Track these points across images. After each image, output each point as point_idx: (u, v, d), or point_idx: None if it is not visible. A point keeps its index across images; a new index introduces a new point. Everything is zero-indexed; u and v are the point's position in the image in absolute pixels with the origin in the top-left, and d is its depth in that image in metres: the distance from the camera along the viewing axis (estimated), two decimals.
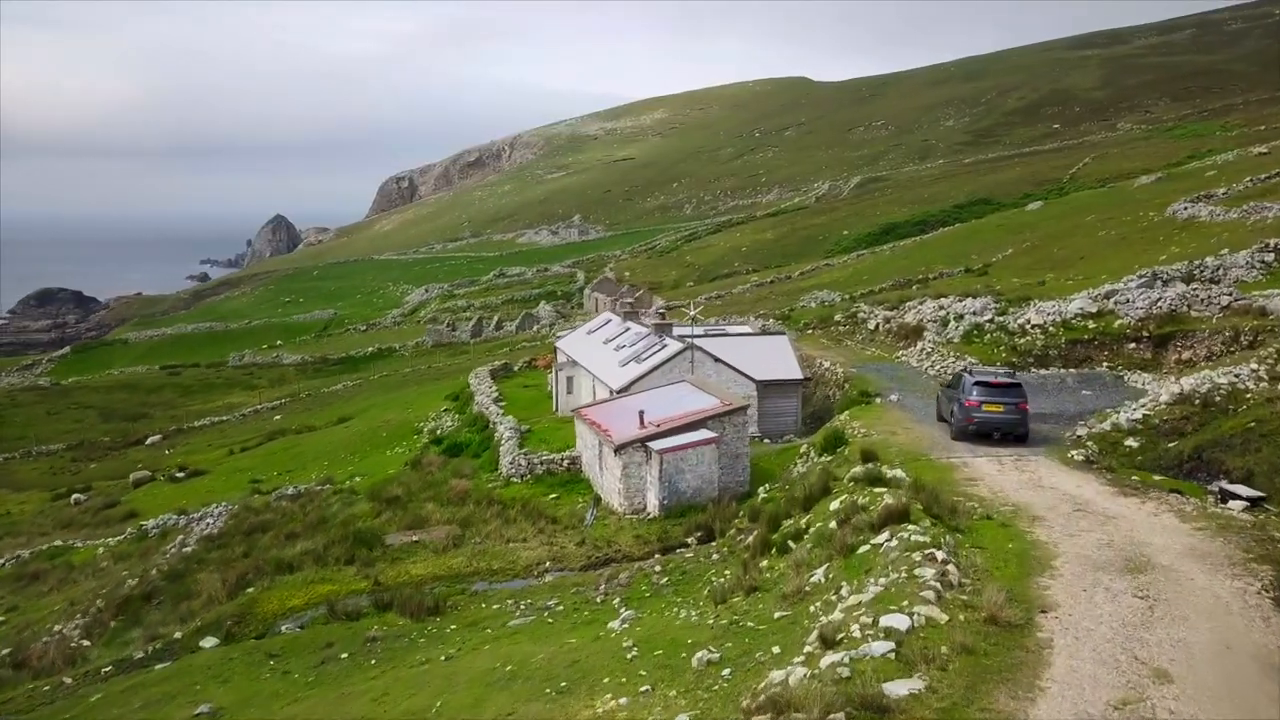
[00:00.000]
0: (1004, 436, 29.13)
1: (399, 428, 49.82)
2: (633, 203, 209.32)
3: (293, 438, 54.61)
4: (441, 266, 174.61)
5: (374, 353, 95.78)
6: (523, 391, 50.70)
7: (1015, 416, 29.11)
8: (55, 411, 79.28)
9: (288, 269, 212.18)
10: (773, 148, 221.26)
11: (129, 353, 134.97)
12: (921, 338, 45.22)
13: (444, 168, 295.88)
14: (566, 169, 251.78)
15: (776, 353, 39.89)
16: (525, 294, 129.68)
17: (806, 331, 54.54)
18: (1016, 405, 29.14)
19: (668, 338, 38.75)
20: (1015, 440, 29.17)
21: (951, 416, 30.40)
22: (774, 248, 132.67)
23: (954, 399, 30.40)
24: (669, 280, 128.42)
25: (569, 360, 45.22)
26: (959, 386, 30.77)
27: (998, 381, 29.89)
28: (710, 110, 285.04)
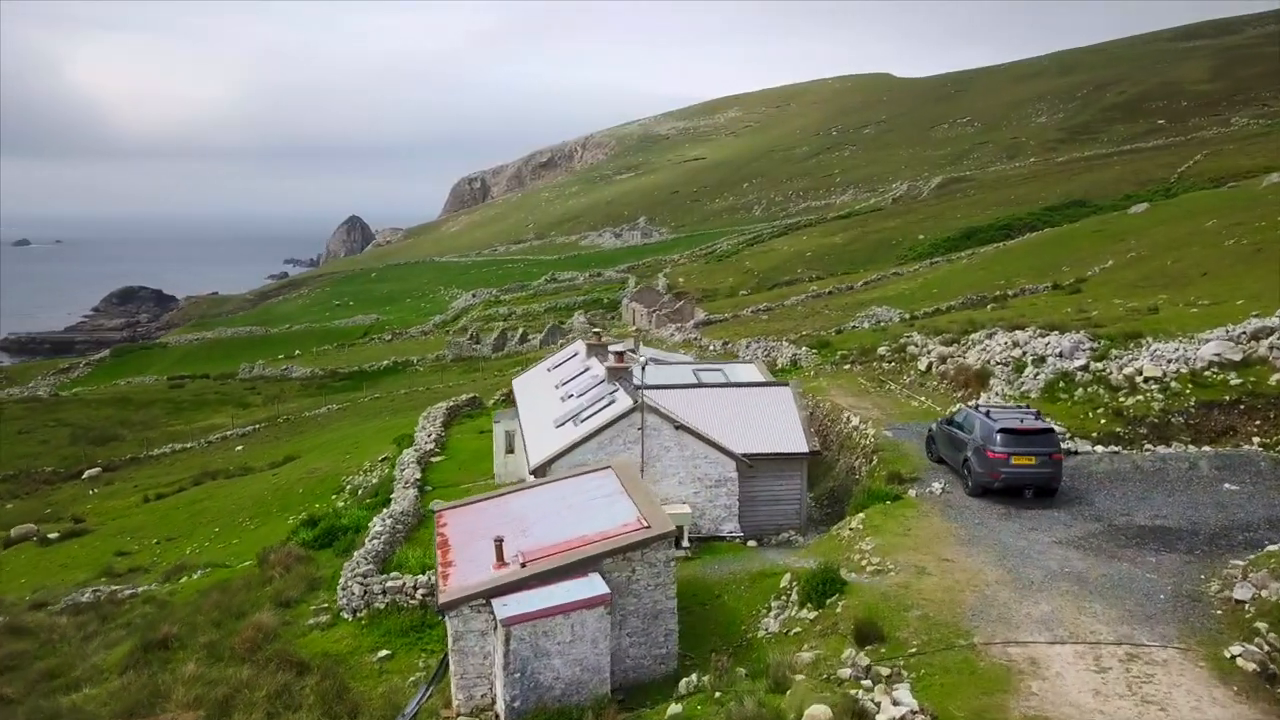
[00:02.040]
0: (1036, 492, 24.17)
1: (323, 481, 39.28)
2: (700, 204, 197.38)
3: (215, 485, 44.70)
4: (497, 270, 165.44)
5: (388, 367, 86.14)
6: (477, 439, 39.63)
7: (1050, 470, 24.03)
8: (27, 430, 71.36)
9: (349, 271, 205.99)
10: (850, 146, 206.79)
11: (165, 357, 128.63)
12: (987, 386, 32.68)
13: (516, 168, 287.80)
14: (635, 169, 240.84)
15: (774, 411, 27.93)
16: (570, 301, 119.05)
17: (843, 366, 42.25)
18: (1050, 456, 24.04)
19: (622, 388, 27.22)
20: (1046, 494, 24.23)
21: (965, 467, 25.22)
22: (841, 253, 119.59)
23: (964, 445, 25.36)
24: (724, 287, 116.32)
25: (514, 410, 34.05)
26: (972, 430, 25.32)
27: (1029, 428, 24.39)
28: (786, 108, 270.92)
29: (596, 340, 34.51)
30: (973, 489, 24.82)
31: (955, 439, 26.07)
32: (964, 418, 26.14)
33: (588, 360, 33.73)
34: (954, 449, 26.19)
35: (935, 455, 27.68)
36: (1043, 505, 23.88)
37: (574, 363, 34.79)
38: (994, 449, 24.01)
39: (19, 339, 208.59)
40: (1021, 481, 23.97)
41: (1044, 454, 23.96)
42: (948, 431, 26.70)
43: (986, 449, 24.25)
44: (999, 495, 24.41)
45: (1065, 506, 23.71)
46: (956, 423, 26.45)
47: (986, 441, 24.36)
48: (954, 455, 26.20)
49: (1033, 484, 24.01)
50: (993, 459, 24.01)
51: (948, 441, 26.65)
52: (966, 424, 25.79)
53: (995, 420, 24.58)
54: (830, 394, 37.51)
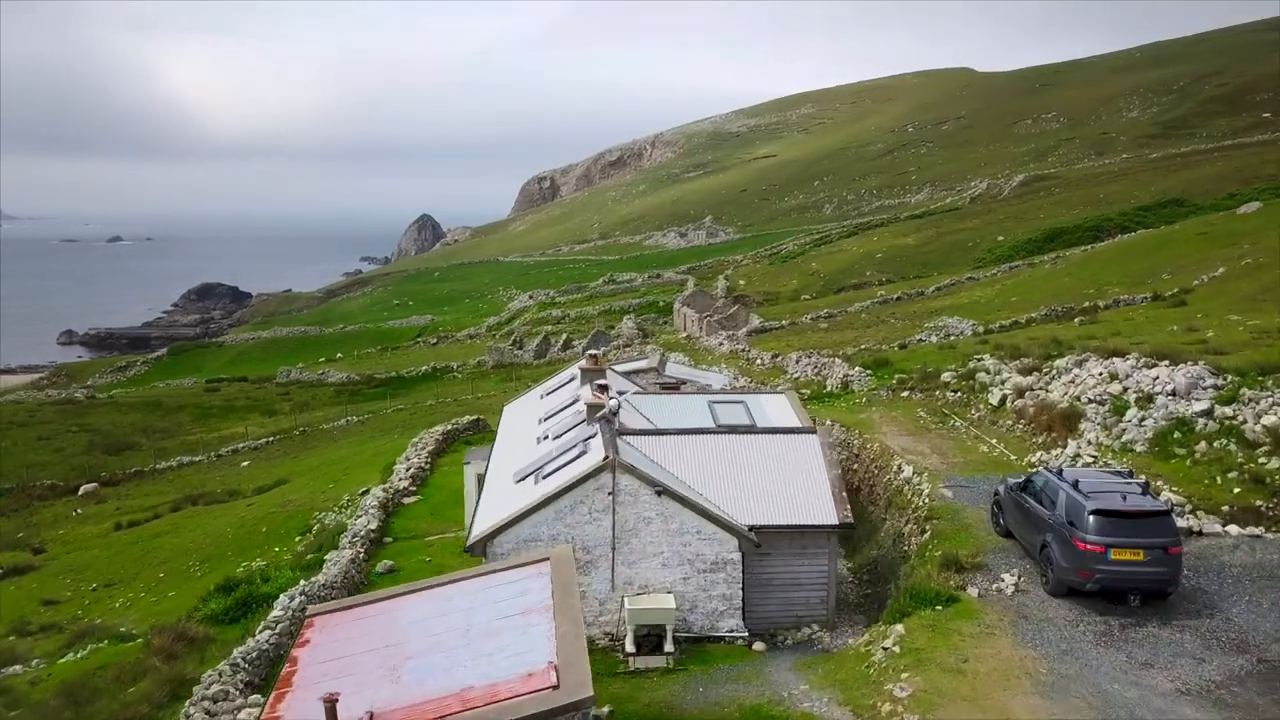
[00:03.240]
0: (1145, 597, 17.47)
1: (292, 518, 33.91)
2: (769, 203, 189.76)
3: (191, 514, 39.84)
4: (557, 271, 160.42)
5: (426, 373, 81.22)
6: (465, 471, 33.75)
7: (1165, 569, 17.20)
8: (47, 437, 68.11)
9: (413, 270, 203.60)
10: (927, 143, 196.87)
11: (220, 357, 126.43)
12: (1076, 431, 25.63)
13: (585, 167, 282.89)
14: (704, 168, 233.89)
15: (796, 468, 21.44)
16: (625, 304, 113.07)
17: (901, 394, 35.35)
18: (1165, 549, 17.20)
19: (601, 433, 21.04)
20: (1158, 598, 17.53)
21: (1044, 555, 18.41)
22: (914, 255, 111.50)
23: (1043, 524, 18.60)
24: (787, 291, 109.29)
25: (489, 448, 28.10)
26: (1054, 503, 18.50)
27: (1136, 510, 17.33)
28: (861, 104, 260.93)
29: (595, 363, 28.29)
30: (1055, 587, 18.13)
31: (1030, 513, 19.32)
32: (1042, 484, 19.37)
33: (580, 388, 27.59)
34: (1029, 526, 19.44)
35: (1004, 528, 20.93)
36: (1158, 618, 17.07)
37: (565, 391, 28.68)
38: (1085, 538, 17.33)
39: (98, 334, 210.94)
40: (1124, 584, 17.58)
41: (1157, 547, 17.15)
42: (1020, 500, 19.95)
43: (1074, 536, 17.51)
44: (1093, 598, 17.69)
45: (1190, 621, 16.86)
46: (1032, 490, 19.69)
47: (1075, 525, 17.63)
48: (1029, 535, 19.46)
49: (1140, 588, 17.48)
50: (1083, 551, 17.28)
51: (1020, 514, 19.91)
52: (1046, 493, 19.02)
53: (1087, 495, 17.77)
54: (881, 430, 30.76)
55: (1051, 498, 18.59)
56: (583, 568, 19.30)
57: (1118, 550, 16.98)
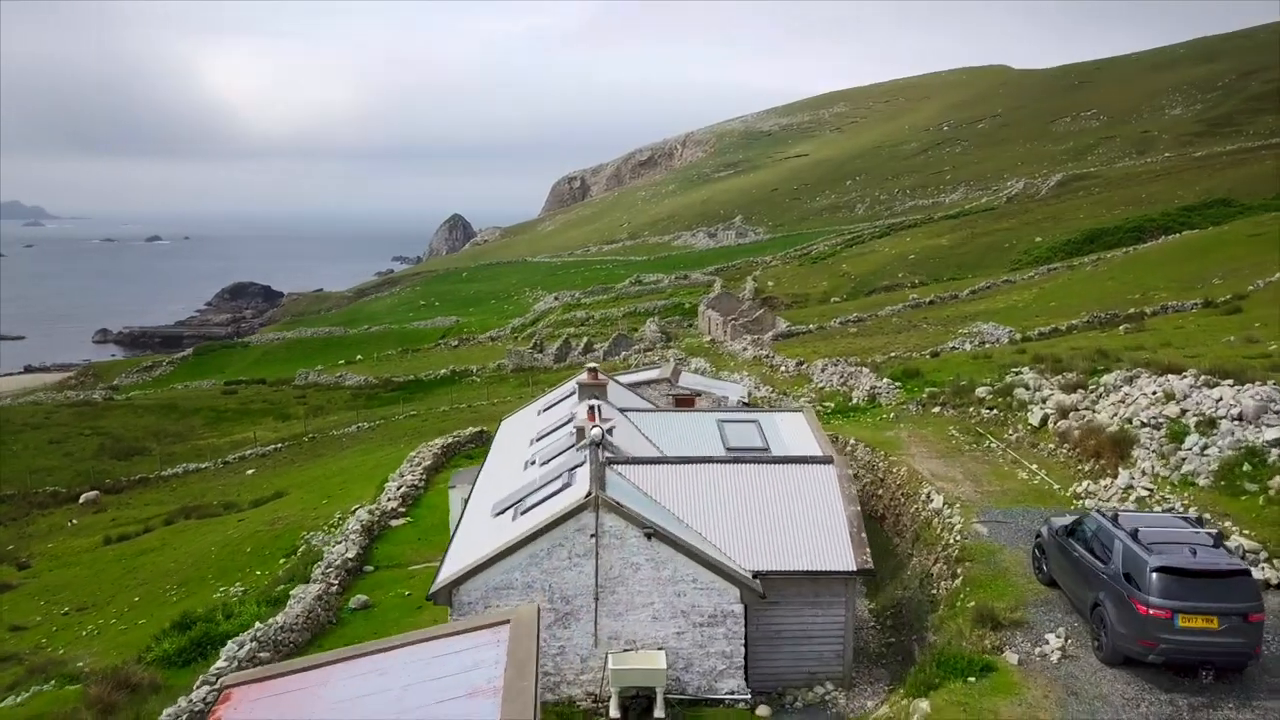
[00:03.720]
0: (1218, 670, 14.25)
1: (279, 537, 31.77)
2: (800, 202, 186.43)
3: (181, 528, 37.85)
4: (584, 271, 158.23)
5: (444, 377, 79.15)
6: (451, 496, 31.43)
7: (1243, 639, 14.05)
8: (58, 440, 66.84)
9: (442, 270, 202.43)
10: (962, 142, 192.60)
11: (245, 357, 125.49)
12: (1127, 459, 22.75)
13: (615, 167, 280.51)
14: (735, 167, 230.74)
15: (811, 503, 18.84)
16: (651, 305, 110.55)
17: (931, 409, 32.56)
18: (1245, 616, 14.07)
19: (589, 462, 18.55)
20: (1233, 671, 14.33)
21: (1095, 614, 15.46)
22: (948, 256, 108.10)
23: (1095, 577, 15.66)
24: (816, 293, 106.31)
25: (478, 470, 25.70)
26: (1108, 554, 15.54)
27: (1209, 569, 14.28)
28: (895, 103, 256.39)
29: (594, 378, 25.84)
30: (1110, 656, 15.33)
31: (1080, 564, 16.56)
32: (1094, 530, 16.60)
33: (576, 406, 25.16)
34: (1078, 578, 16.68)
35: (1047, 576, 18.20)
36: (1236, 698, 14.31)
37: (562, 408, 26.26)
38: (1147, 600, 14.54)
39: (132, 332, 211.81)
40: (1194, 656, 14.58)
41: (1234, 613, 14.31)
42: (1067, 547, 17.19)
43: (1133, 597, 14.71)
44: (1156, 671, 14.96)
45: (1274, 702, 14.08)
46: (1082, 535, 16.93)
47: (1134, 583, 14.84)
48: (1078, 589, 16.71)
49: (1213, 661, 14.57)
50: (1145, 616, 14.50)
51: (1067, 562, 17.15)
52: (1098, 541, 16.26)
53: (1149, 548, 14.99)
54: (909, 451, 28.04)
55: (1105, 547, 15.86)
56: (561, 620, 16.86)
57: (1186, 616, 14.23)
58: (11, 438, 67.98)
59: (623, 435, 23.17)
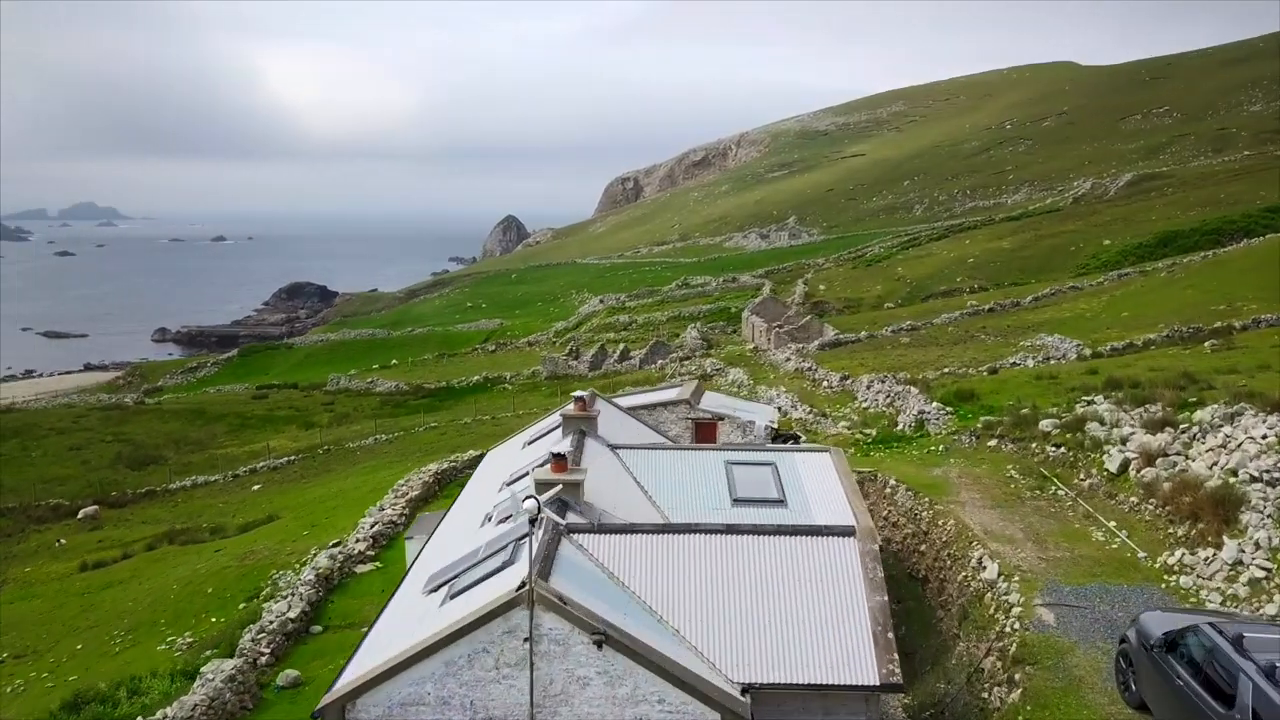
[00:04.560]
0: None
1: (247, 575, 28.26)
2: (856, 203, 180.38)
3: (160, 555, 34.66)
4: (632, 274, 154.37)
5: (477, 384, 75.76)
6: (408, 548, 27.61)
7: None
8: (78, 447, 64.80)
9: (492, 271, 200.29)
10: (1025, 141, 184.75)
11: (288, 359, 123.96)
12: (1233, 524, 17.99)
13: (669, 168, 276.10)
14: (789, 167, 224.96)
15: (825, 584, 14.58)
16: (696, 309, 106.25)
17: (987, 442, 27.86)
18: None
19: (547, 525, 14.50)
20: None
21: None
22: (1010, 260, 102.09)
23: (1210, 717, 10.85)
24: (869, 297, 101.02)
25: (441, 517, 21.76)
26: (1234, 687, 10.80)
27: None
28: (956, 101, 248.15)
29: (581, 409, 21.76)
30: None
31: (1185, 695, 12.00)
32: (1208, 651, 11.98)
33: (562, 442, 21.12)
34: (1184, 713, 12.14)
35: (1137, 697, 13.65)
36: None
37: (544, 444, 22.20)
38: None
39: (189, 331, 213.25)
40: None
41: None
42: (1168, 668, 12.63)
43: None
44: None
45: None
46: (1188, 654, 12.35)
47: None
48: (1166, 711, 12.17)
49: None
50: None
51: (1166, 687, 12.55)
52: (1215, 668, 11.66)
53: None
54: (959, 496, 23.50)
55: (1225, 677, 11.36)
56: None
57: None
58: (35, 443, 66.16)
59: (605, 482, 19.07)
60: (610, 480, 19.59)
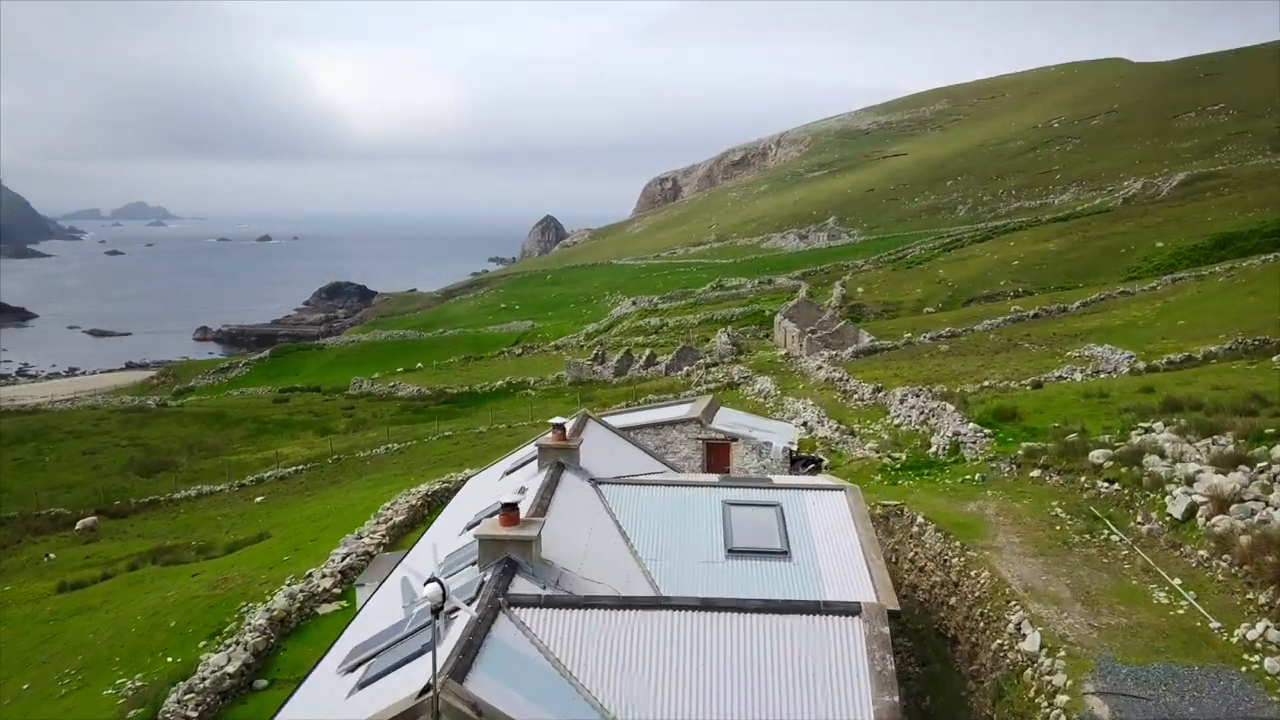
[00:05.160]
0: None
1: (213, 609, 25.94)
2: (897, 203, 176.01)
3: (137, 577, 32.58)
4: (667, 275, 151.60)
5: (500, 389, 73.40)
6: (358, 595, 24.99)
7: None
8: (92, 451, 63.42)
9: (527, 272, 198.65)
10: (1073, 139, 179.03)
11: (319, 360, 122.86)
12: None
13: (708, 168, 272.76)
14: (829, 167, 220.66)
15: (821, 675, 11.77)
16: (729, 312, 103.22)
17: (1030, 472, 24.67)
18: None
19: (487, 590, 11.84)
20: None
21: None
22: (1056, 263, 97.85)
23: None
24: (909, 301, 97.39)
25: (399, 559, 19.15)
26: None
27: None
28: (1001, 99, 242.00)
29: (560, 438, 19.03)
30: None
31: None
32: None
33: (538, 474, 18.43)
34: None
35: None
36: None
37: (517, 477, 19.52)
38: None
39: (229, 330, 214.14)
40: None
41: None
42: None
43: None
44: None
45: None
46: None
47: None
48: None
49: None
50: None
51: None
52: None
53: None
54: (995, 539, 20.45)
55: None
56: None
57: None
58: (51, 446, 65.02)
59: (579, 527, 16.35)
60: (585, 524, 16.87)
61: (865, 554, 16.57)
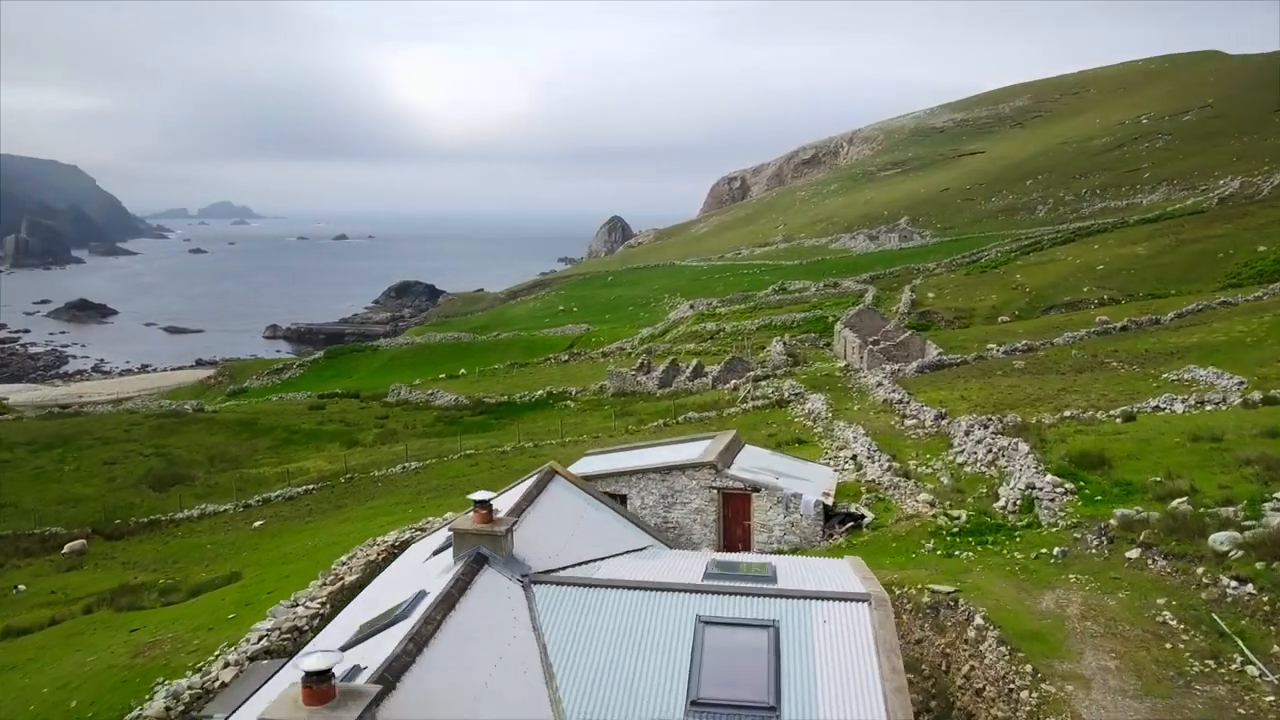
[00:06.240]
0: None
1: (130, 679, 21.77)
2: (973, 203, 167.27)
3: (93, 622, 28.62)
4: (729, 277, 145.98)
5: (540, 399, 68.92)
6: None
7: None
8: (113, 460, 60.74)
9: (590, 273, 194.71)
10: (1164, 136, 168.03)
11: (372, 361, 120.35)
12: None
13: (777, 166, 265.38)
14: (902, 166, 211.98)
15: None
16: (789, 318, 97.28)
17: (1126, 551, 18.95)
18: None
19: None
20: None
21: None
22: (1146, 268, 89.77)
23: None
24: (983, 308, 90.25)
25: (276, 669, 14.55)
26: None
27: None
28: (1086, 95, 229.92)
29: (483, 519, 14.10)
30: None
31: None
32: None
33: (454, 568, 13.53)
34: None
35: None
36: None
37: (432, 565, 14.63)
38: None
39: (298, 329, 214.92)
40: None
41: None
42: None
43: None
44: None
45: None
46: None
47: None
48: None
49: None
50: None
51: None
52: None
53: None
54: (1079, 665, 14.97)
55: None
56: None
57: None
58: (74, 454, 62.65)
59: (483, 656, 11.41)
60: (493, 650, 11.93)
61: (887, 707, 11.31)
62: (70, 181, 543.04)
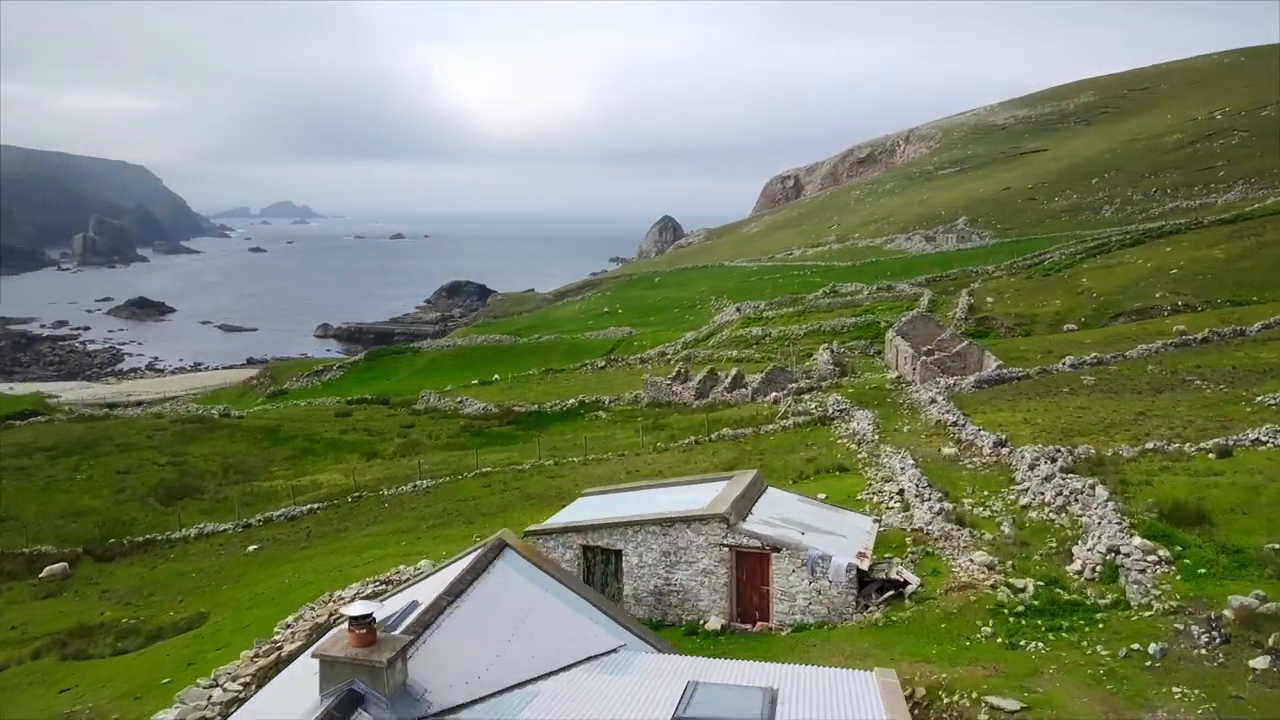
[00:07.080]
0: None
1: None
2: (1035, 203, 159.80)
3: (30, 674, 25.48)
4: (778, 278, 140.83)
5: (571, 408, 65.14)
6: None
7: None
8: (125, 470, 58.31)
9: (637, 274, 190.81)
10: (1239, 132, 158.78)
11: (412, 363, 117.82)
12: None
13: (832, 165, 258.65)
14: (961, 164, 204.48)
15: None
16: (839, 323, 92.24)
17: (1246, 657, 14.44)
18: None
19: None
20: None
21: None
22: (1224, 272, 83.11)
23: None
24: (1046, 314, 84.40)
25: None
26: None
27: None
28: (1155, 90, 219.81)
29: (362, 641, 10.16)
30: None
31: None
32: None
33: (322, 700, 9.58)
34: None
35: None
36: None
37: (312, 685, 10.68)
38: None
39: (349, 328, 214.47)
40: None
41: None
42: None
43: None
44: None
45: None
46: None
47: None
48: None
49: None
50: None
51: None
52: None
53: None
54: None
55: None
56: None
57: None
58: (91, 462, 60.39)
59: None
60: None
61: None
62: (137, 181, 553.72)
